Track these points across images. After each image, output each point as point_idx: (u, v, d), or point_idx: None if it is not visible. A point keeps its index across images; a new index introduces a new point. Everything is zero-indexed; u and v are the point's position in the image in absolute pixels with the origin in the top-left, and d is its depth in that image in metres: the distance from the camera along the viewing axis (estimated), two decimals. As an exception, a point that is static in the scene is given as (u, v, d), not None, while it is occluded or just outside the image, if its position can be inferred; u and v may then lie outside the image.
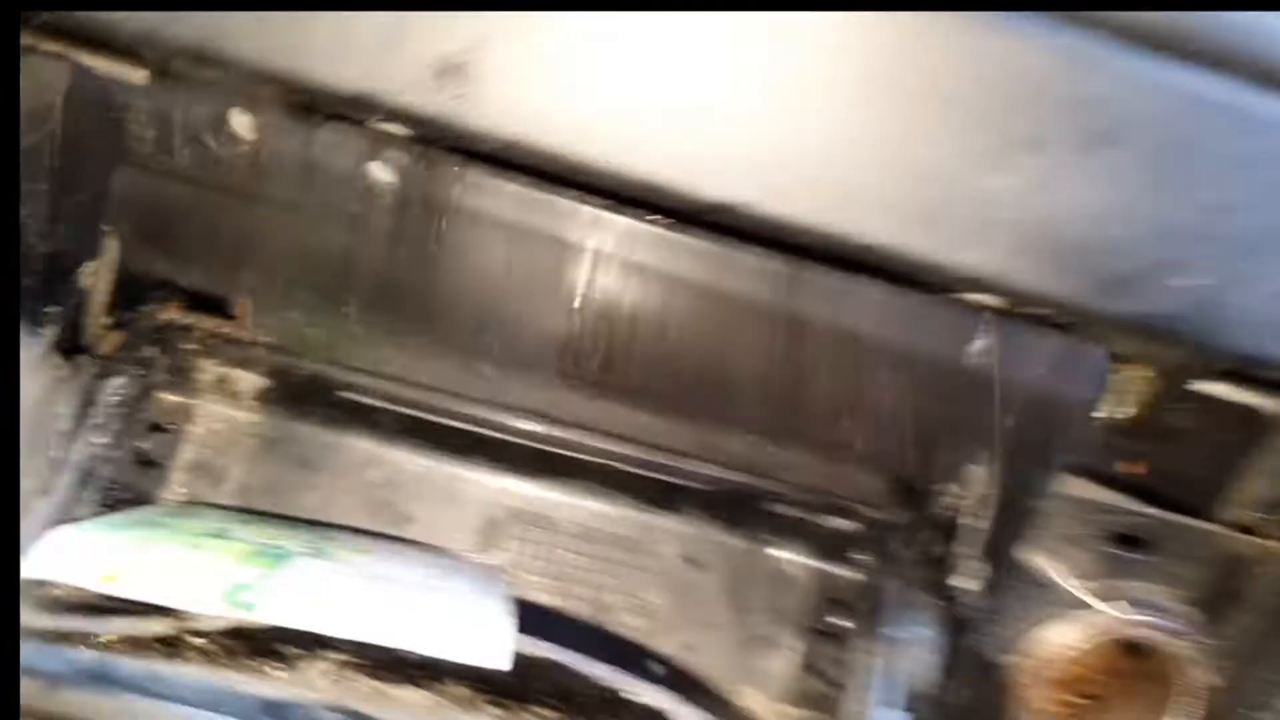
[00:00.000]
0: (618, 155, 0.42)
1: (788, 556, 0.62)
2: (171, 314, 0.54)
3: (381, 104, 0.41)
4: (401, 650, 0.43)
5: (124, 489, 0.56)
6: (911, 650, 0.50)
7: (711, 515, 0.62)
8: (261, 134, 0.47)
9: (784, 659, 0.61)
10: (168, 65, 0.42)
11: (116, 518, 0.51)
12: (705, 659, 0.61)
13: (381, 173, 0.47)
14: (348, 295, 0.52)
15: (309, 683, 0.46)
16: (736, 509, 0.61)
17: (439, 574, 0.50)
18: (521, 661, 0.45)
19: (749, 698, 0.62)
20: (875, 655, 0.51)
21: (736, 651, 0.62)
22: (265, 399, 0.60)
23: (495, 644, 0.43)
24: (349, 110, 0.42)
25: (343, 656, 0.47)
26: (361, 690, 0.47)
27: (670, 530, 0.62)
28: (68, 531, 0.46)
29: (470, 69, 0.41)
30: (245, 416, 0.61)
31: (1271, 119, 0.43)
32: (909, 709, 0.50)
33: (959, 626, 0.52)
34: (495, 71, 0.41)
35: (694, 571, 0.62)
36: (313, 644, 0.47)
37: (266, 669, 0.46)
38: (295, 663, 0.46)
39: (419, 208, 0.48)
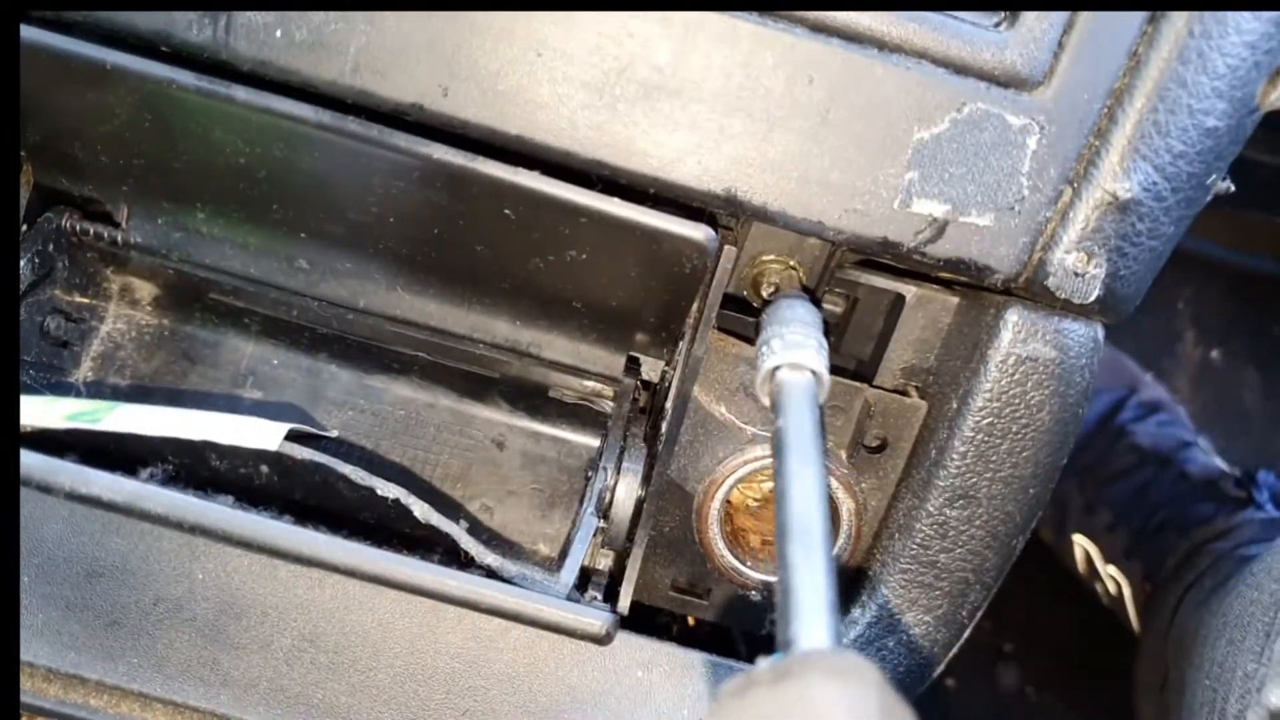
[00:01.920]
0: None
1: (572, 436, 0.76)
2: (67, 221, 0.70)
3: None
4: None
5: (42, 369, 0.72)
6: (624, 480, 0.63)
7: (514, 404, 0.76)
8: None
9: (564, 520, 0.75)
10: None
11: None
12: (499, 518, 0.75)
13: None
14: (196, 203, 0.67)
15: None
16: (533, 398, 0.75)
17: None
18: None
19: (544, 552, 0.76)
20: (594, 483, 0.64)
21: (529, 513, 0.75)
22: (158, 304, 0.76)
23: (268, 435, 0.58)
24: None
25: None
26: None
27: (481, 417, 0.76)
28: None
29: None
30: (144, 318, 0.76)
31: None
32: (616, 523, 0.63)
33: (663, 463, 0.65)
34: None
35: (498, 450, 0.76)
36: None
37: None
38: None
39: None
